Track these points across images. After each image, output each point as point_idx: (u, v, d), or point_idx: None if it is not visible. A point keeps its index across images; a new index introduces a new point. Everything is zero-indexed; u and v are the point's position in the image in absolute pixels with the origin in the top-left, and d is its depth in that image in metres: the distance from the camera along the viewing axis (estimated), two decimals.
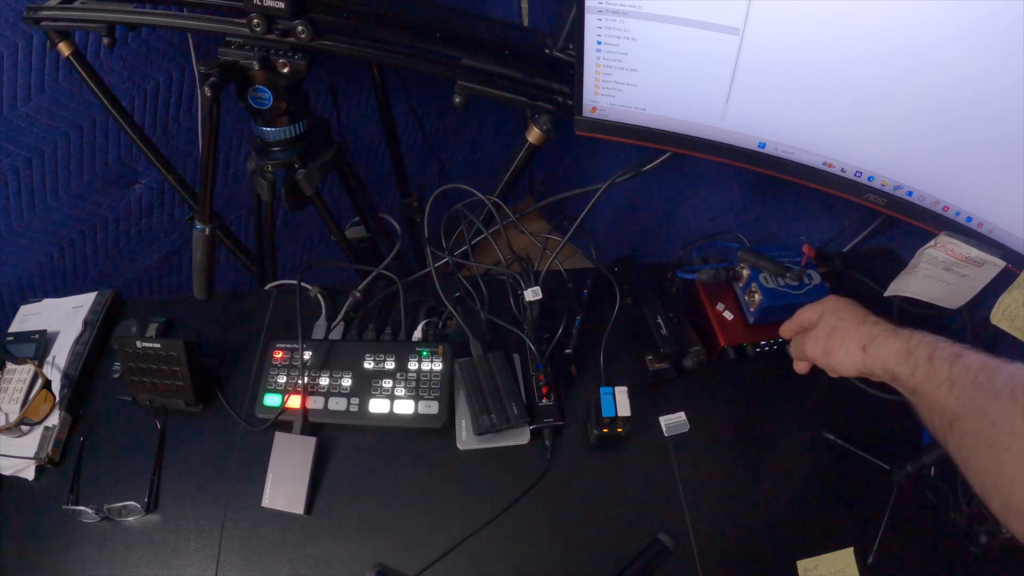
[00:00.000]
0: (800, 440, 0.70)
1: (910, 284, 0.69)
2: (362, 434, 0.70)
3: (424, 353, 0.72)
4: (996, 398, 0.43)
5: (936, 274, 0.67)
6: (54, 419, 0.72)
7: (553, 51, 0.82)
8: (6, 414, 0.72)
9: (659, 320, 0.75)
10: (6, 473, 0.70)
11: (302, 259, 1.55)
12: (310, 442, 0.67)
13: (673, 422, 0.69)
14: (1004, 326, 0.62)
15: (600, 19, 0.66)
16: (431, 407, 0.68)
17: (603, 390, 0.64)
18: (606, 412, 0.63)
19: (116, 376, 0.76)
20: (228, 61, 0.77)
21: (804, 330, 0.63)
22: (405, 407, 0.69)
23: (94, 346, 0.78)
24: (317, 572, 0.62)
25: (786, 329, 0.65)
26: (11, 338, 0.78)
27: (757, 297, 0.71)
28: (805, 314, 0.63)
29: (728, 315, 0.74)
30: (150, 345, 0.70)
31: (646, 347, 0.74)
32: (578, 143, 0.88)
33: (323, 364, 0.72)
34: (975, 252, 0.62)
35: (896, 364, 0.52)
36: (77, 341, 0.78)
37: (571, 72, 0.74)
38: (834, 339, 0.58)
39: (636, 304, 0.78)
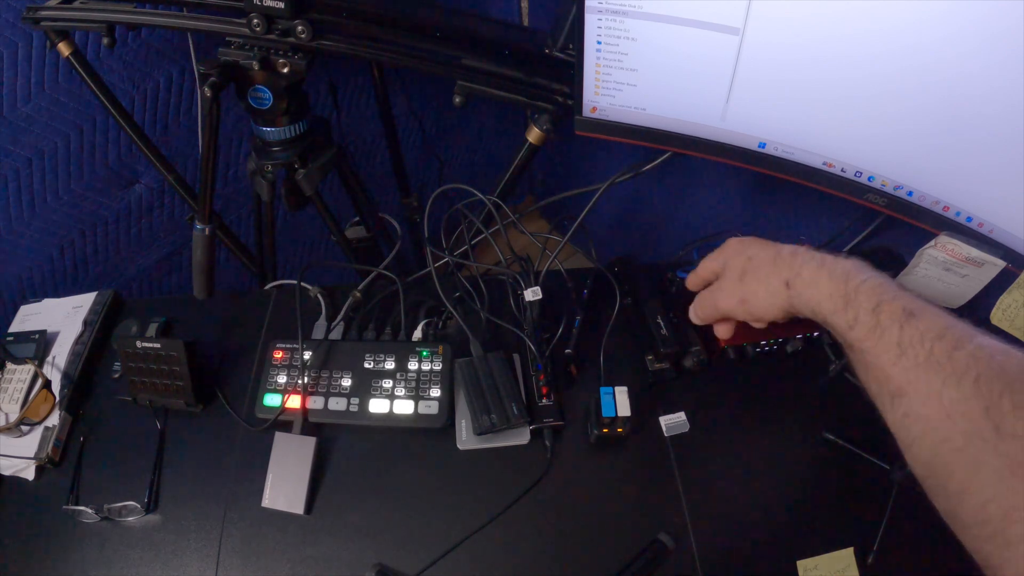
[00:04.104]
0: (800, 440, 0.70)
1: (910, 284, 0.69)
2: (362, 434, 0.70)
3: (424, 353, 0.72)
4: (955, 383, 0.34)
5: (936, 274, 0.67)
6: (54, 419, 0.72)
7: (553, 51, 0.82)
8: (6, 414, 0.72)
9: (659, 320, 0.75)
10: (6, 473, 0.70)
11: (302, 259, 1.55)
12: (310, 442, 0.67)
13: (673, 422, 0.69)
14: (1004, 326, 0.62)
15: (600, 19, 0.66)
16: (431, 407, 0.68)
17: (603, 390, 0.64)
18: (606, 412, 0.63)
19: (116, 376, 0.76)
20: (228, 61, 0.77)
21: (710, 283, 0.55)
22: (405, 407, 0.69)
23: (94, 346, 0.78)
24: (317, 572, 0.62)
25: (691, 281, 0.58)
26: (11, 338, 0.78)
27: None
28: (707, 264, 0.55)
29: None
30: (150, 345, 0.70)
31: (646, 347, 0.74)
32: (578, 143, 0.88)
33: (323, 364, 0.72)
34: (975, 252, 0.62)
35: (830, 312, 0.43)
36: (77, 341, 0.78)
37: (571, 72, 0.74)
38: (748, 282, 0.50)
39: (636, 304, 0.78)
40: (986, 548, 0.34)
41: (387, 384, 0.70)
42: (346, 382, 0.71)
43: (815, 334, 0.74)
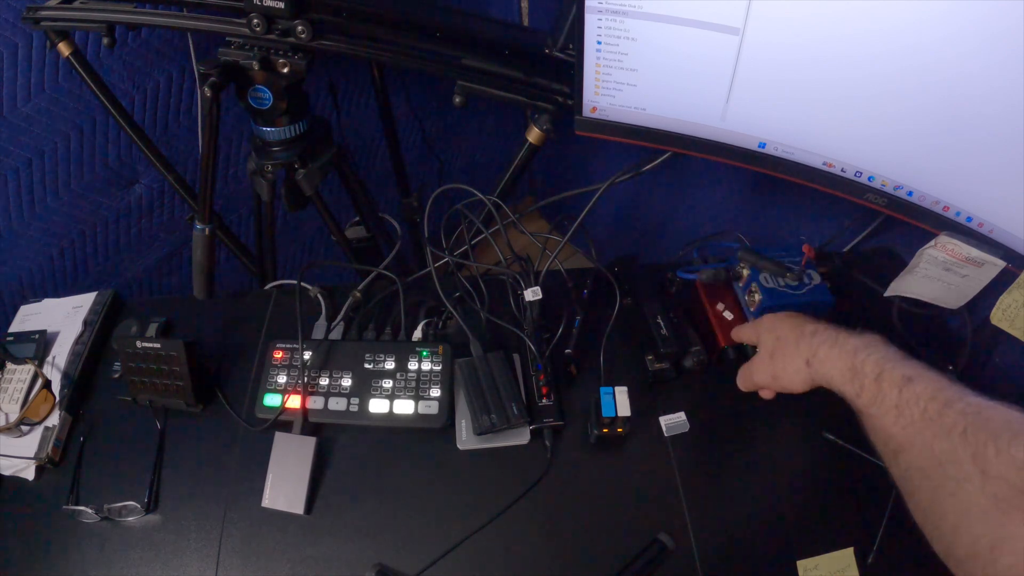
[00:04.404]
0: (800, 440, 0.70)
1: (910, 284, 0.69)
2: (362, 434, 0.70)
3: (424, 353, 0.72)
4: (946, 436, 0.39)
5: (936, 274, 0.67)
6: (54, 419, 0.72)
7: (553, 51, 0.82)
8: (6, 414, 0.72)
9: (659, 320, 0.75)
10: (6, 473, 0.70)
11: (302, 259, 1.55)
12: (310, 442, 0.67)
13: (673, 422, 0.69)
14: (1004, 326, 0.62)
15: (600, 19, 0.66)
16: (431, 407, 0.68)
17: (603, 390, 0.64)
18: (606, 412, 0.63)
19: (116, 376, 0.76)
20: (228, 61, 0.77)
21: (747, 362, 0.62)
22: (405, 407, 0.69)
23: (94, 346, 0.78)
24: (317, 572, 0.62)
25: (738, 336, 0.65)
26: (11, 338, 0.78)
27: (757, 297, 0.71)
28: (748, 330, 0.62)
29: (728, 315, 0.74)
30: (150, 345, 0.70)
31: (646, 347, 0.74)
32: (578, 143, 0.88)
33: (323, 364, 0.72)
34: (975, 252, 0.62)
35: (841, 383, 0.48)
36: (77, 341, 0.78)
37: (571, 72, 0.74)
38: (777, 360, 0.56)
39: (636, 304, 0.78)
40: None
41: (387, 384, 0.70)
42: (346, 382, 0.71)
43: None
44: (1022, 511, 0.35)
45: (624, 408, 0.63)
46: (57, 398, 0.73)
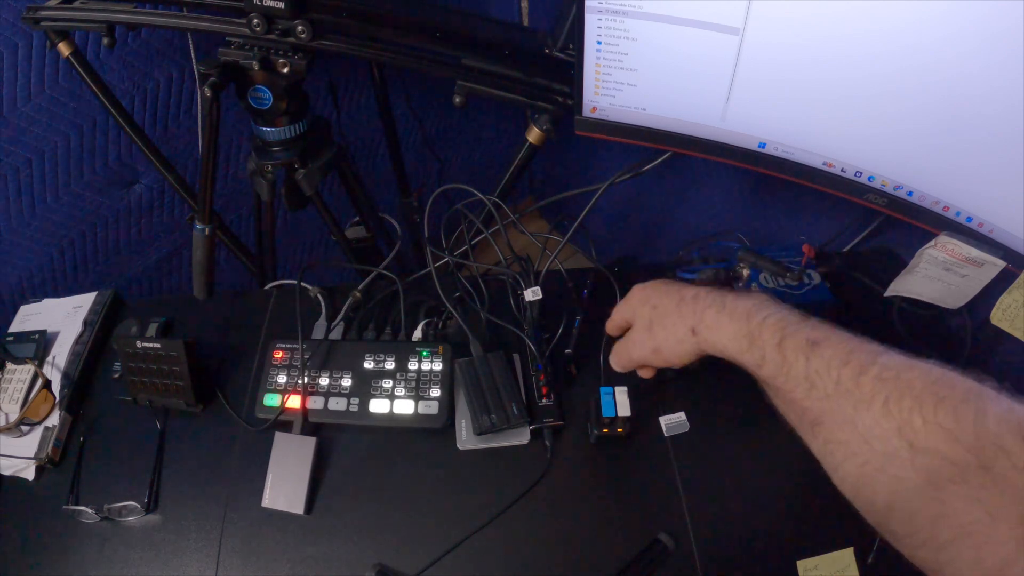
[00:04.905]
0: (800, 440, 0.70)
1: (910, 284, 0.69)
2: (362, 434, 0.70)
3: (424, 353, 0.72)
4: (866, 408, 0.36)
5: (936, 274, 0.67)
6: (54, 419, 0.72)
7: (553, 51, 0.82)
8: (6, 414, 0.72)
9: None
10: (6, 473, 0.70)
11: (302, 259, 1.55)
12: (310, 442, 0.67)
13: (673, 422, 0.69)
14: (1004, 326, 0.62)
15: (600, 19, 0.66)
16: (431, 407, 0.68)
17: (603, 390, 0.64)
18: (606, 412, 0.63)
19: (116, 376, 0.76)
20: (228, 61, 0.77)
21: (623, 338, 0.56)
22: (405, 407, 0.69)
23: (94, 346, 0.78)
24: (317, 572, 0.62)
25: (612, 328, 0.59)
26: (11, 338, 0.78)
27: None
28: (619, 312, 0.56)
29: None
30: (150, 345, 0.70)
31: None
32: (578, 143, 0.88)
33: (323, 364, 0.72)
34: (975, 252, 0.62)
35: (737, 352, 0.44)
36: (77, 341, 0.78)
37: (571, 72, 0.74)
38: (657, 331, 0.51)
39: None
40: (920, 554, 0.35)
41: (387, 384, 0.70)
42: (346, 382, 0.71)
43: None
44: (957, 484, 0.32)
45: (624, 408, 0.63)
46: (57, 398, 0.73)
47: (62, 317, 0.81)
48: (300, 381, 0.70)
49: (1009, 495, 0.31)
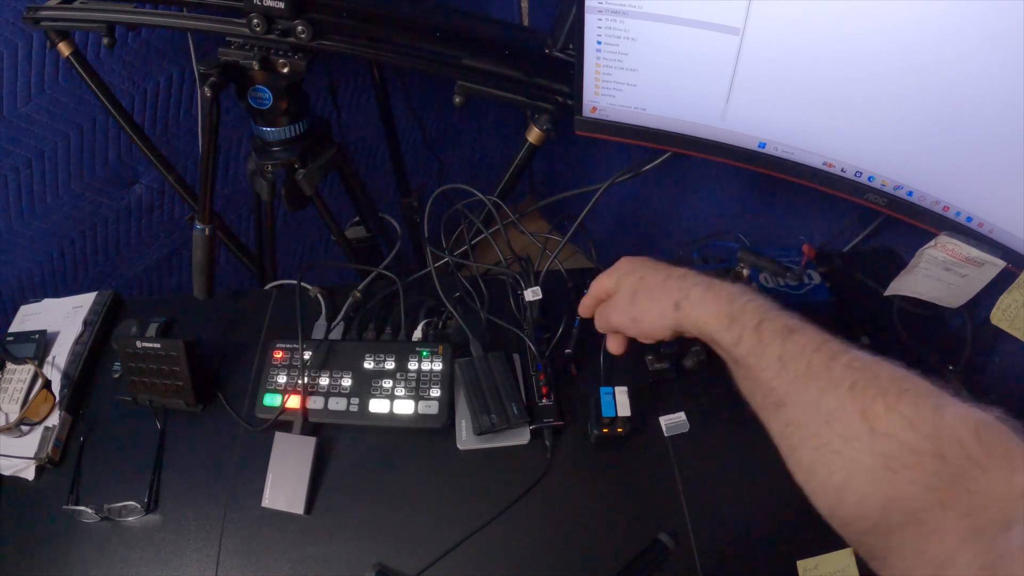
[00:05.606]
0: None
1: (910, 284, 0.69)
2: (362, 434, 0.70)
3: (424, 353, 0.72)
4: (832, 391, 0.37)
5: (936, 274, 0.67)
6: (54, 419, 0.72)
7: (553, 51, 0.82)
8: (6, 414, 0.72)
9: None
10: (6, 473, 0.70)
11: (302, 259, 1.55)
12: (310, 442, 0.67)
13: (673, 422, 0.69)
14: (1004, 326, 0.62)
15: (600, 19, 0.66)
16: (431, 407, 0.68)
17: (603, 390, 0.64)
18: (606, 412, 0.63)
19: (116, 376, 0.76)
20: (228, 61, 0.77)
21: (604, 302, 0.57)
22: (405, 407, 0.69)
23: (94, 346, 0.78)
24: (317, 572, 0.62)
25: (585, 307, 0.59)
26: (11, 338, 0.78)
27: None
28: (601, 283, 0.57)
29: None
30: (150, 345, 0.70)
31: (646, 347, 0.74)
32: (578, 143, 0.88)
33: (323, 364, 0.72)
34: (975, 252, 0.62)
35: (717, 330, 0.45)
36: (77, 341, 0.78)
37: (571, 72, 0.74)
38: (639, 302, 0.51)
39: None
40: (868, 540, 0.36)
41: (387, 384, 0.70)
42: (346, 382, 0.71)
43: None
44: (912, 469, 0.33)
45: (624, 408, 0.63)
46: (57, 398, 0.73)
47: (62, 317, 0.81)
48: (300, 381, 0.70)
49: (959, 485, 0.32)
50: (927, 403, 0.35)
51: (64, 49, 0.88)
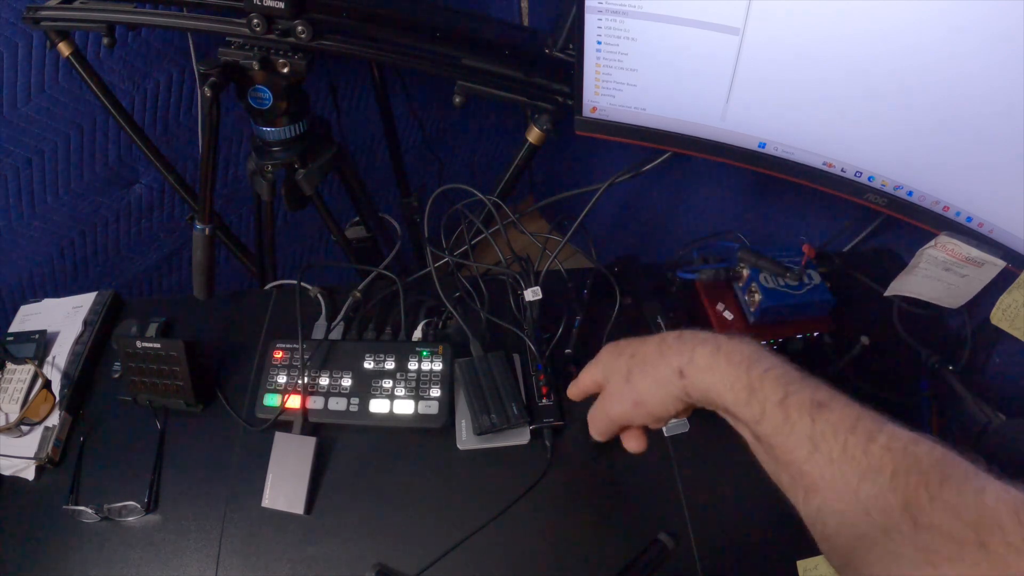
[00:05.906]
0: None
1: (910, 284, 0.69)
2: (362, 434, 0.70)
3: (424, 353, 0.72)
4: (872, 479, 0.34)
5: (936, 274, 0.67)
6: (54, 419, 0.72)
7: (553, 51, 0.82)
8: (6, 414, 0.72)
9: (659, 320, 0.75)
10: (6, 473, 0.70)
11: (302, 259, 1.55)
12: (310, 442, 0.67)
13: (673, 422, 0.69)
14: (1004, 326, 0.62)
15: (600, 19, 0.66)
16: (431, 407, 0.68)
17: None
18: None
19: (116, 376, 0.76)
20: (228, 61, 0.77)
21: (595, 392, 0.51)
22: (405, 407, 0.69)
23: (94, 346, 0.78)
24: (317, 572, 0.62)
25: (575, 392, 0.52)
26: (11, 338, 0.78)
27: (757, 297, 0.71)
28: (589, 374, 0.50)
29: (728, 315, 0.74)
30: (150, 345, 0.70)
31: None
32: (578, 143, 0.88)
33: (323, 364, 0.72)
34: (975, 252, 0.62)
35: (734, 403, 0.41)
36: (77, 341, 0.78)
37: (571, 72, 0.74)
38: (636, 381, 0.46)
39: (636, 304, 0.78)
40: None
41: (387, 384, 0.70)
42: (346, 382, 0.71)
43: (815, 334, 0.74)
44: (954, 562, 0.32)
45: None
46: (57, 398, 0.73)
47: (62, 317, 0.81)
48: (300, 381, 0.70)
49: (998, 572, 0.30)
50: (969, 488, 0.33)
51: (64, 49, 0.88)
